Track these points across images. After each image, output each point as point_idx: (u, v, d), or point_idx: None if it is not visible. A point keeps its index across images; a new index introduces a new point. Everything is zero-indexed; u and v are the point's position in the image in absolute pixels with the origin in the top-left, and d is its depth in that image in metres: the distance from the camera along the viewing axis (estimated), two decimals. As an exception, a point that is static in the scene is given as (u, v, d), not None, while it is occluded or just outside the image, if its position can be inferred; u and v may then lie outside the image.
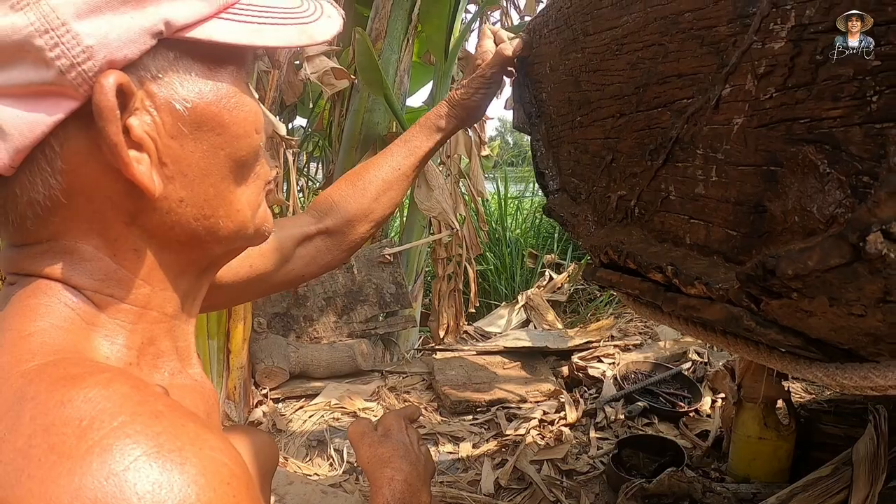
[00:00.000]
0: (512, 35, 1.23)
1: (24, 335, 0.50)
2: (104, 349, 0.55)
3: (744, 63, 0.63)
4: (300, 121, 5.31)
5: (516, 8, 5.24)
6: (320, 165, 5.44)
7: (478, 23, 4.02)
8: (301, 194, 3.88)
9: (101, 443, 0.41)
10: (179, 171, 0.56)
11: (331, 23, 0.63)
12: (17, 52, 0.48)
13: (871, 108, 0.50)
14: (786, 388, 1.78)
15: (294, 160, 2.57)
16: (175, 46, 0.54)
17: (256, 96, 0.65)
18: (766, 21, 0.60)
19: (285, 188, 2.71)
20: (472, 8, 4.30)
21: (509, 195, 6.03)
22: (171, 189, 0.56)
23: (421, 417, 2.33)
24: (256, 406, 2.66)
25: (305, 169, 5.07)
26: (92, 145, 0.52)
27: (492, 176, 6.79)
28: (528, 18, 5.12)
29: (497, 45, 1.21)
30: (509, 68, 1.23)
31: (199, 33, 0.54)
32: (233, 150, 0.59)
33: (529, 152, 1.31)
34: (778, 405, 1.79)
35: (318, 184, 5.09)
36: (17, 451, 0.41)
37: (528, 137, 1.30)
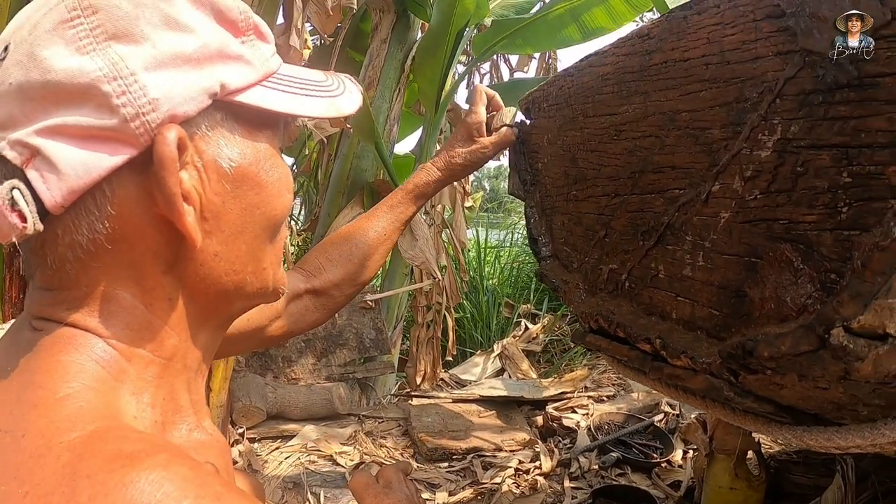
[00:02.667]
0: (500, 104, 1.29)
1: (57, 397, 0.49)
2: (132, 408, 0.54)
3: (733, 165, 0.71)
4: (286, 158, 5.37)
5: (506, 62, 5.39)
6: (303, 206, 5.50)
7: (467, 78, 4.12)
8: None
9: None
10: (218, 227, 0.58)
11: (353, 98, 0.68)
12: (81, 95, 0.50)
13: (842, 217, 0.58)
14: (756, 440, 1.84)
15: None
16: (223, 108, 0.57)
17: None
18: (755, 131, 0.68)
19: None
20: (463, 58, 4.43)
21: (488, 244, 6.12)
22: (209, 243, 0.58)
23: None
24: (233, 445, 2.67)
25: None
26: (142, 194, 0.53)
27: (473, 222, 6.88)
28: (518, 75, 5.28)
29: (492, 111, 1.27)
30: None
31: (246, 98, 0.57)
32: (268, 209, 0.62)
33: (506, 199, 1.39)
34: (748, 456, 1.85)
35: (299, 224, 5.14)
36: None
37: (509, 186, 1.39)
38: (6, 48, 0.52)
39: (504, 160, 1.43)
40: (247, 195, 0.59)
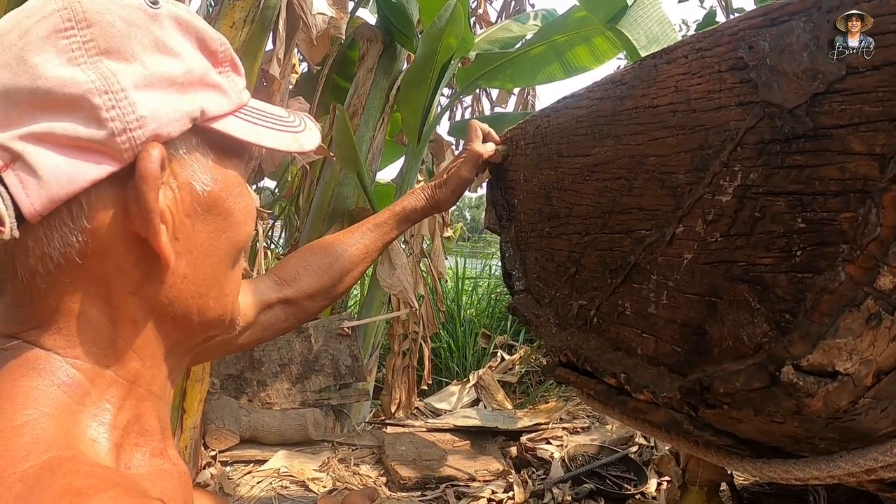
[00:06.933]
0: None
1: (15, 425, 0.48)
2: (91, 431, 0.53)
3: (696, 209, 0.75)
4: (268, 182, 5.38)
5: (488, 96, 5.50)
6: (284, 230, 5.51)
7: (450, 110, 4.18)
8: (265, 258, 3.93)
9: None
10: (188, 248, 0.59)
11: (312, 135, 0.70)
12: (70, 104, 0.50)
13: (795, 261, 0.62)
14: (728, 472, 1.86)
15: (265, 231, 2.65)
16: (199, 133, 0.58)
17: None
18: (717, 177, 0.72)
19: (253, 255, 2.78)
20: (447, 90, 4.49)
21: (467, 274, 6.14)
22: (178, 264, 0.58)
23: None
24: (205, 468, 2.65)
25: (270, 231, 5.13)
26: (119, 210, 0.53)
27: (455, 250, 6.90)
28: (498, 109, 5.37)
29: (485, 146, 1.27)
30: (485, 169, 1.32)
31: (221, 126, 0.59)
32: (233, 235, 0.63)
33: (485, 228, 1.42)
34: (721, 488, 1.87)
35: (280, 249, 5.14)
36: None
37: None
38: None
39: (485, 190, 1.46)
40: (215, 219, 0.61)
